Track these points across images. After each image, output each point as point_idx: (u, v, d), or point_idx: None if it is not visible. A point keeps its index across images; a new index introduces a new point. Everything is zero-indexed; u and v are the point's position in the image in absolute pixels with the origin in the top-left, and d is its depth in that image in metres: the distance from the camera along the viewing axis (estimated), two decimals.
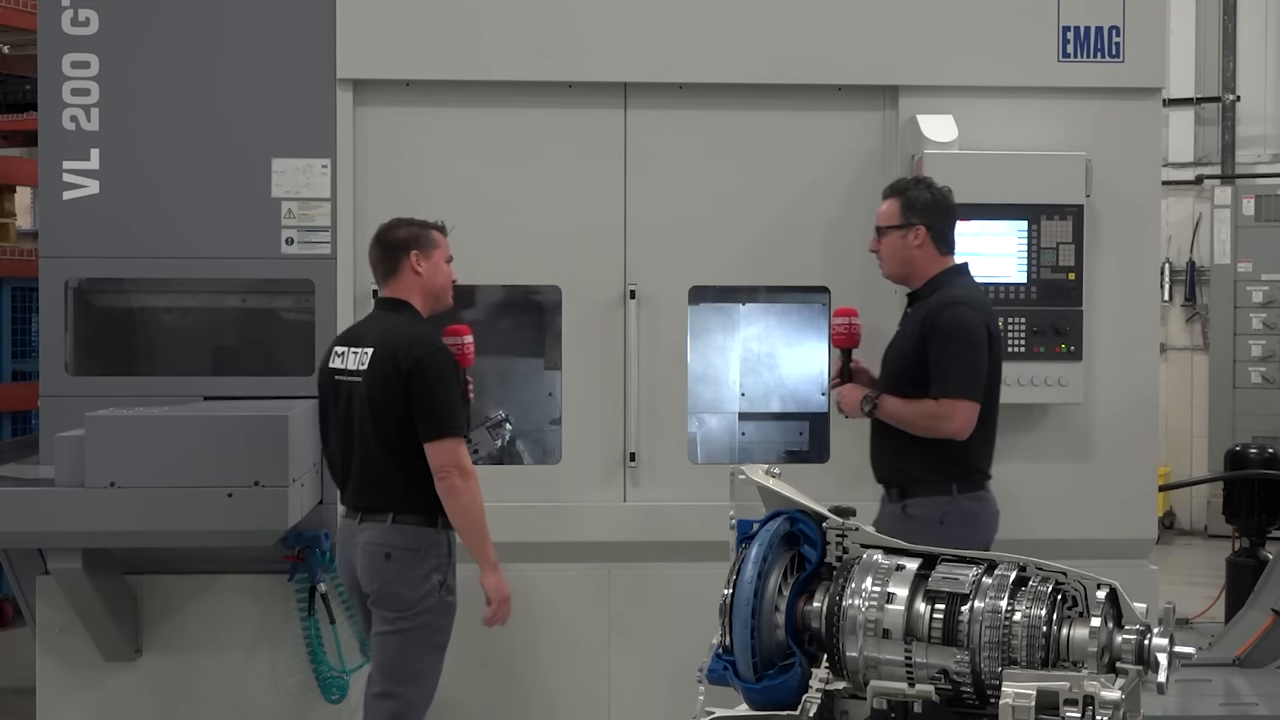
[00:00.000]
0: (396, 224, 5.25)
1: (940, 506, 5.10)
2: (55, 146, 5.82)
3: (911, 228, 5.23)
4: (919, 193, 5.26)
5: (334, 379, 5.14)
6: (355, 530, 5.09)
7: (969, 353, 5.10)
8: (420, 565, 5.01)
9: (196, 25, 5.84)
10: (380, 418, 4.98)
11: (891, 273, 5.37)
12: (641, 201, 5.90)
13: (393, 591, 5.01)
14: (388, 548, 5.01)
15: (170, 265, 5.72)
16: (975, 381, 5.10)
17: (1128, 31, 5.98)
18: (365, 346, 5.06)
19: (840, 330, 5.43)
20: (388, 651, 5.06)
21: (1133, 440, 6.04)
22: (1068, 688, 3.31)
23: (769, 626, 3.74)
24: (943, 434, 5.08)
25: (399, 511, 5.01)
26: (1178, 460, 13.70)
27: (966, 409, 5.07)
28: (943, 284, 5.23)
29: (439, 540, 5.06)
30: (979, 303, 5.24)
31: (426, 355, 4.98)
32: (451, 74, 5.90)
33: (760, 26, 5.92)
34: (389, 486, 5.02)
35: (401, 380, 4.94)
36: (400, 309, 5.15)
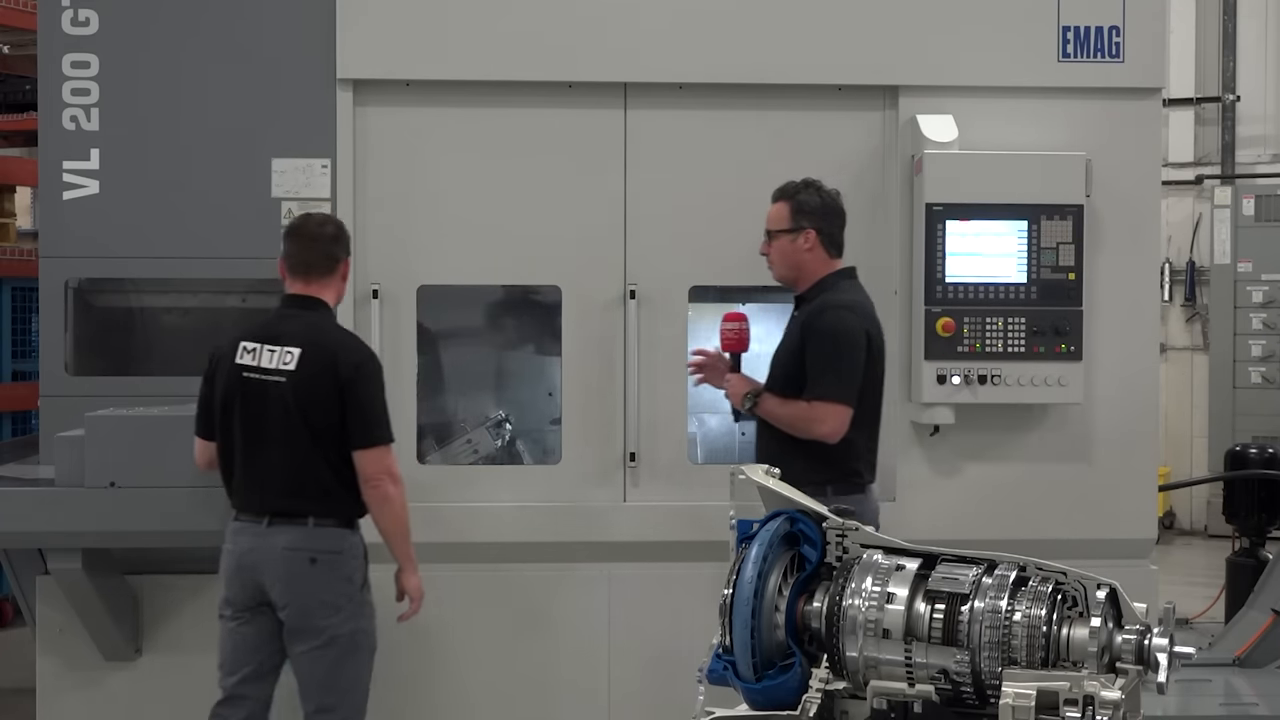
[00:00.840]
0: (327, 220, 5.20)
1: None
2: (55, 146, 5.82)
3: (801, 231, 5.26)
4: (808, 196, 5.29)
5: (242, 375, 4.95)
6: (262, 535, 4.91)
7: (844, 357, 5.12)
8: (343, 567, 4.94)
9: (196, 25, 5.84)
10: (311, 420, 4.87)
11: (781, 276, 5.38)
12: (641, 201, 5.90)
13: (321, 599, 4.91)
14: (312, 552, 4.89)
15: (170, 265, 5.72)
16: (849, 385, 5.12)
17: (1128, 31, 5.98)
18: (288, 345, 4.91)
19: (730, 335, 5.45)
20: (320, 665, 4.94)
21: (1133, 440, 6.04)
22: (1068, 688, 3.31)
23: (769, 626, 3.74)
24: (814, 436, 5.11)
25: (319, 515, 4.91)
26: (1178, 460, 13.70)
27: (838, 412, 5.09)
28: (828, 287, 5.26)
29: (356, 542, 5.01)
30: (860, 307, 5.25)
31: (365, 362, 4.95)
32: (452, 74, 5.90)
33: (760, 26, 5.92)
34: (313, 489, 4.90)
35: (338, 386, 4.87)
36: (319, 309, 5.05)
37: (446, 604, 5.92)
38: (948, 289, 5.80)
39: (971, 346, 5.79)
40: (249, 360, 4.94)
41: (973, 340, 5.79)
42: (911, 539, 3.89)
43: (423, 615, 5.88)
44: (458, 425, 6.39)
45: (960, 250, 5.80)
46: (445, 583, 5.91)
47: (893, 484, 5.97)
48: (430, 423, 6.31)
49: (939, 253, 5.79)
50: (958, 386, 5.78)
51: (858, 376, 5.15)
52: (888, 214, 5.98)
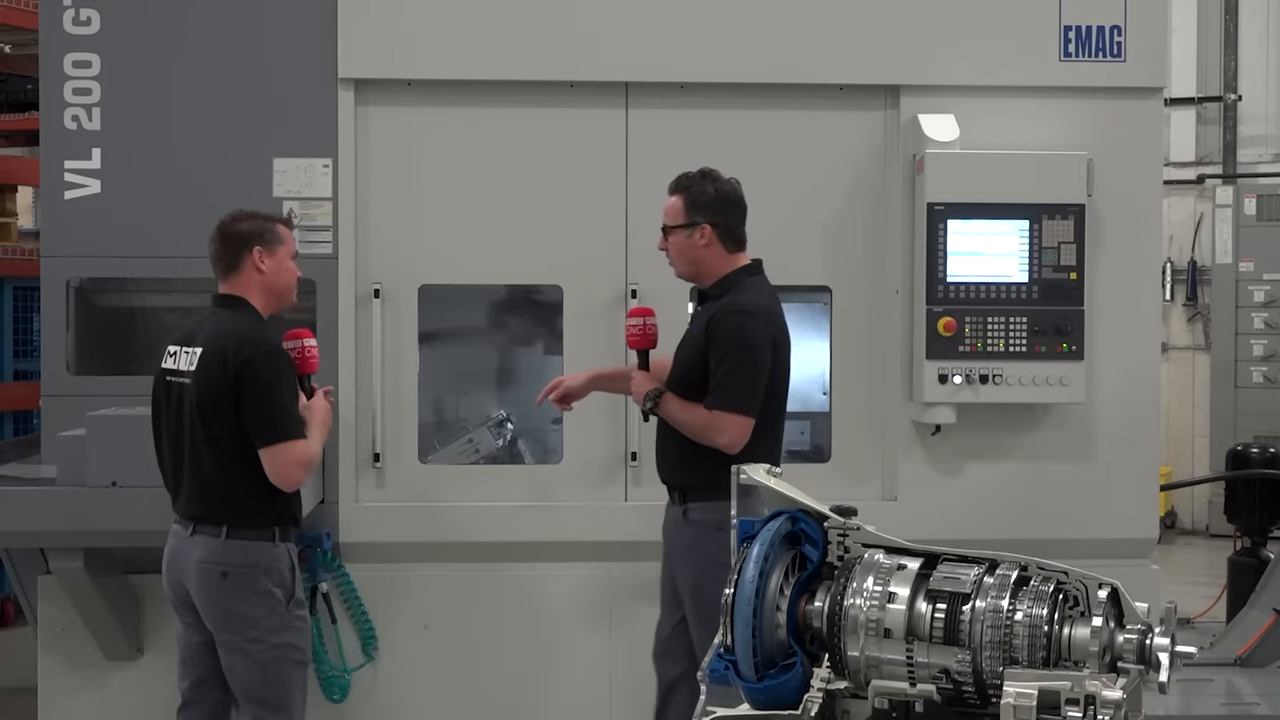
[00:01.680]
0: (240, 216, 4.96)
1: (720, 513, 4.98)
2: (57, 146, 5.82)
3: (697, 226, 5.10)
4: (703, 188, 5.12)
5: (165, 380, 4.86)
6: (186, 542, 4.79)
7: (747, 366, 4.97)
8: (260, 582, 4.74)
9: (198, 25, 5.84)
10: (210, 423, 4.70)
11: (682, 272, 5.25)
12: (643, 201, 5.89)
13: (238, 613, 4.74)
14: (224, 566, 4.71)
15: (172, 265, 5.71)
16: (751, 396, 4.98)
17: (1129, 31, 5.98)
18: (196, 346, 4.77)
19: (635, 331, 5.30)
20: (248, 679, 4.80)
21: (1134, 440, 6.03)
22: (1069, 687, 3.31)
23: (770, 626, 3.75)
24: (713, 445, 4.98)
25: (234, 525, 4.72)
26: (1179, 460, 13.70)
27: (739, 423, 4.96)
28: (732, 285, 5.10)
29: (279, 555, 4.79)
30: (765, 310, 5.07)
31: (256, 356, 4.69)
32: (453, 74, 5.90)
33: (762, 26, 5.92)
34: (223, 497, 4.73)
35: (230, 383, 4.66)
36: (237, 307, 4.86)
37: (447, 603, 5.93)
38: (949, 288, 5.80)
39: (973, 346, 5.79)
40: (170, 364, 4.84)
41: (974, 340, 5.79)
42: (913, 538, 3.89)
43: (424, 613, 5.91)
44: (459, 425, 6.39)
45: (962, 250, 5.80)
46: (446, 582, 5.93)
47: (894, 483, 5.97)
48: (432, 422, 6.31)
49: (940, 252, 5.79)
50: (959, 386, 5.78)
51: (761, 386, 5.00)
52: (889, 214, 5.98)
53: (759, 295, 5.12)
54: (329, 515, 5.82)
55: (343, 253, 5.86)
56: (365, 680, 5.94)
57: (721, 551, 4.99)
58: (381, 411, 5.88)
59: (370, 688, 5.94)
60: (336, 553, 5.84)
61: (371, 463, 5.89)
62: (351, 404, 5.87)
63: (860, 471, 6.01)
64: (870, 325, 6.02)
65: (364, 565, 5.89)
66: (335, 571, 5.84)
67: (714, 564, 5.03)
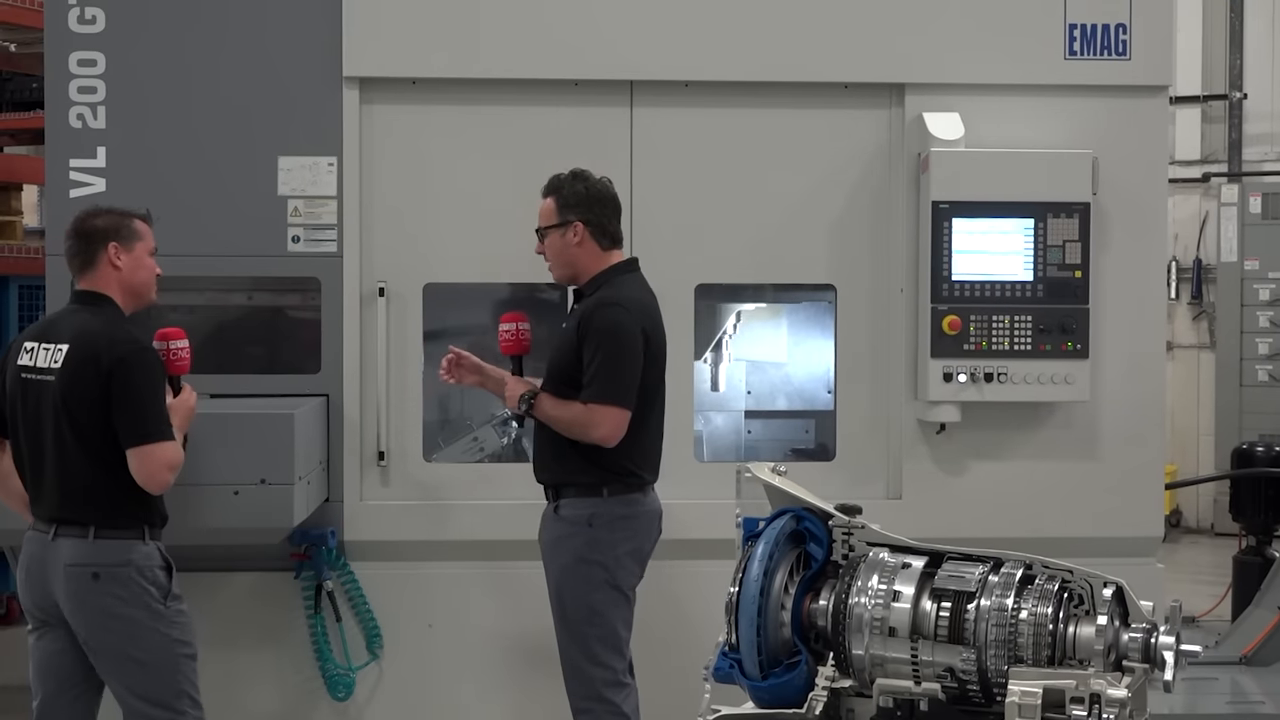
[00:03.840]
0: (95, 212, 4.84)
1: (590, 508, 5.04)
2: (62, 144, 5.82)
3: (569, 225, 5.11)
4: (574, 187, 5.14)
5: (21, 376, 4.70)
6: (49, 547, 4.62)
7: (620, 358, 4.97)
8: (133, 581, 4.60)
9: (203, 23, 5.85)
10: (78, 422, 4.57)
11: (559, 275, 5.25)
12: (647, 199, 5.89)
13: (114, 614, 4.59)
14: (94, 567, 4.57)
15: (176, 263, 5.70)
16: (625, 388, 4.98)
17: (1135, 29, 5.97)
18: (59, 343, 4.63)
19: (507, 337, 5.28)
20: (134, 680, 4.66)
21: (1139, 438, 6.03)
22: (1074, 686, 3.32)
23: (775, 624, 3.75)
24: (591, 440, 4.98)
25: (101, 525, 4.59)
26: (1184, 458, 13.69)
27: (614, 415, 4.96)
28: (604, 282, 5.12)
29: (150, 553, 4.66)
30: (636, 303, 5.08)
31: (130, 355, 4.59)
32: (457, 72, 5.90)
33: (766, 24, 5.92)
34: (90, 496, 4.60)
35: (101, 381, 4.55)
36: (99, 304, 4.73)
37: (452, 601, 5.93)
38: (954, 287, 5.79)
39: (978, 344, 5.78)
40: (27, 360, 4.69)
41: (979, 338, 5.78)
42: (917, 537, 3.89)
43: (428, 612, 5.91)
44: (464, 423, 6.40)
45: (967, 248, 5.79)
46: (451, 580, 5.93)
47: (899, 482, 5.97)
48: (436, 420, 6.31)
49: (945, 250, 5.79)
50: (964, 384, 5.77)
51: (635, 378, 5.00)
52: (894, 212, 5.97)
53: (631, 290, 5.13)
54: (334, 513, 5.83)
55: (347, 251, 5.86)
56: (370, 679, 5.94)
57: (589, 548, 5.02)
58: (386, 410, 5.88)
59: (375, 686, 5.94)
60: (341, 551, 5.85)
61: (376, 461, 5.90)
62: (356, 402, 5.87)
63: (865, 470, 6.01)
64: (875, 324, 6.01)
65: (369, 563, 5.89)
66: (340, 570, 5.85)
67: (581, 560, 5.04)
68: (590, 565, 5.03)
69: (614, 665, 5.06)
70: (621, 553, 5.05)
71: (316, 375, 5.89)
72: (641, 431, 5.07)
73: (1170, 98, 6.40)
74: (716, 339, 6.89)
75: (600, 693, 5.04)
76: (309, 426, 5.54)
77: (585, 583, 5.04)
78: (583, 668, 5.06)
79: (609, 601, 5.04)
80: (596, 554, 5.02)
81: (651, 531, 5.17)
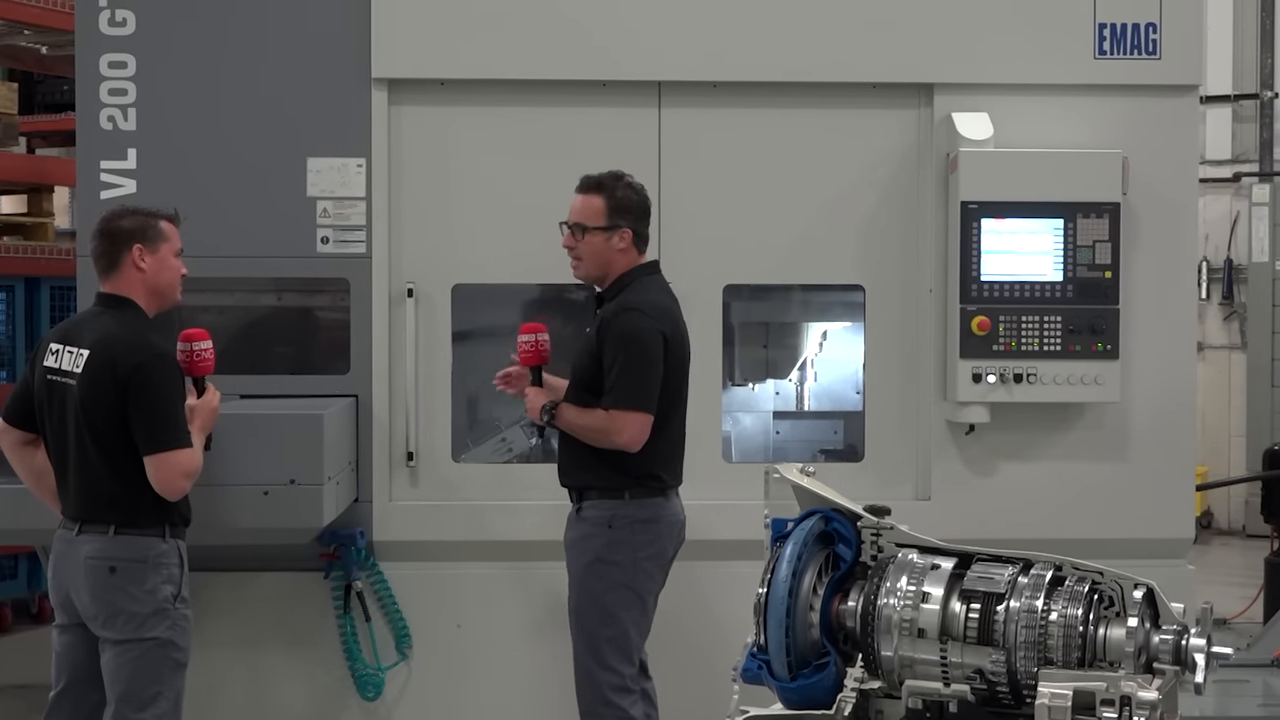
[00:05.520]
0: (121, 213, 4.84)
1: (610, 510, 5.04)
2: (93, 146, 5.85)
3: (618, 230, 5.10)
4: (625, 194, 5.13)
5: (47, 379, 4.74)
6: (73, 543, 4.68)
7: (641, 363, 4.97)
8: (148, 578, 4.64)
9: (232, 25, 5.87)
10: (97, 427, 4.61)
11: (588, 273, 5.22)
12: (675, 200, 5.89)
13: (121, 608, 4.63)
14: (112, 561, 4.62)
15: (206, 264, 5.72)
16: (647, 393, 4.97)
17: (1165, 28, 5.94)
18: (81, 346, 4.66)
19: (526, 347, 5.25)
20: (121, 675, 4.66)
21: (1170, 439, 6.00)
22: (1104, 688, 3.31)
23: (804, 625, 3.75)
24: (614, 446, 4.98)
25: (121, 523, 4.64)
26: (1215, 459, 13.62)
27: (637, 421, 4.95)
28: (627, 284, 5.11)
29: (168, 551, 4.70)
30: (656, 306, 5.07)
31: (147, 362, 4.61)
32: (486, 73, 5.91)
33: (794, 24, 5.91)
34: (110, 498, 4.64)
35: (119, 388, 4.58)
36: (122, 307, 4.75)
37: (480, 602, 5.94)
38: (983, 287, 5.78)
39: (1007, 345, 5.77)
40: (51, 362, 4.73)
41: (1008, 339, 5.77)
42: (946, 538, 3.88)
43: (457, 612, 5.92)
44: (492, 424, 6.41)
45: (996, 248, 5.78)
46: (479, 580, 5.94)
47: (928, 483, 5.96)
48: (465, 421, 6.32)
49: (974, 251, 5.77)
50: (993, 385, 5.76)
51: (656, 382, 4.99)
52: (923, 212, 5.96)
53: (652, 293, 5.13)
54: (363, 514, 5.84)
55: (376, 252, 5.88)
56: (399, 679, 5.95)
57: (608, 549, 5.03)
58: (415, 410, 5.90)
59: (404, 686, 5.95)
60: (370, 551, 5.86)
61: (405, 461, 5.91)
62: (385, 403, 5.89)
63: (894, 471, 6.00)
64: (904, 324, 6.00)
65: (398, 564, 5.91)
66: (369, 570, 5.86)
67: (599, 560, 5.05)
68: (608, 566, 5.03)
69: (621, 670, 5.05)
70: (641, 556, 5.05)
71: (346, 376, 5.91)
72: (663, 435, 5.07)
73: (1201, 97, 6.37)
74: (801, 359, 6.89)
75: (607, 697, 5.04)
76: (338, 427, 5.56)
77: (601, 582, 5.04)
78: (591, 671, 5.06)
79: (623, 603, 5.04)
80: (615, 555, 5.03)
81: (674, 536, 5.17)
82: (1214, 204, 13.78)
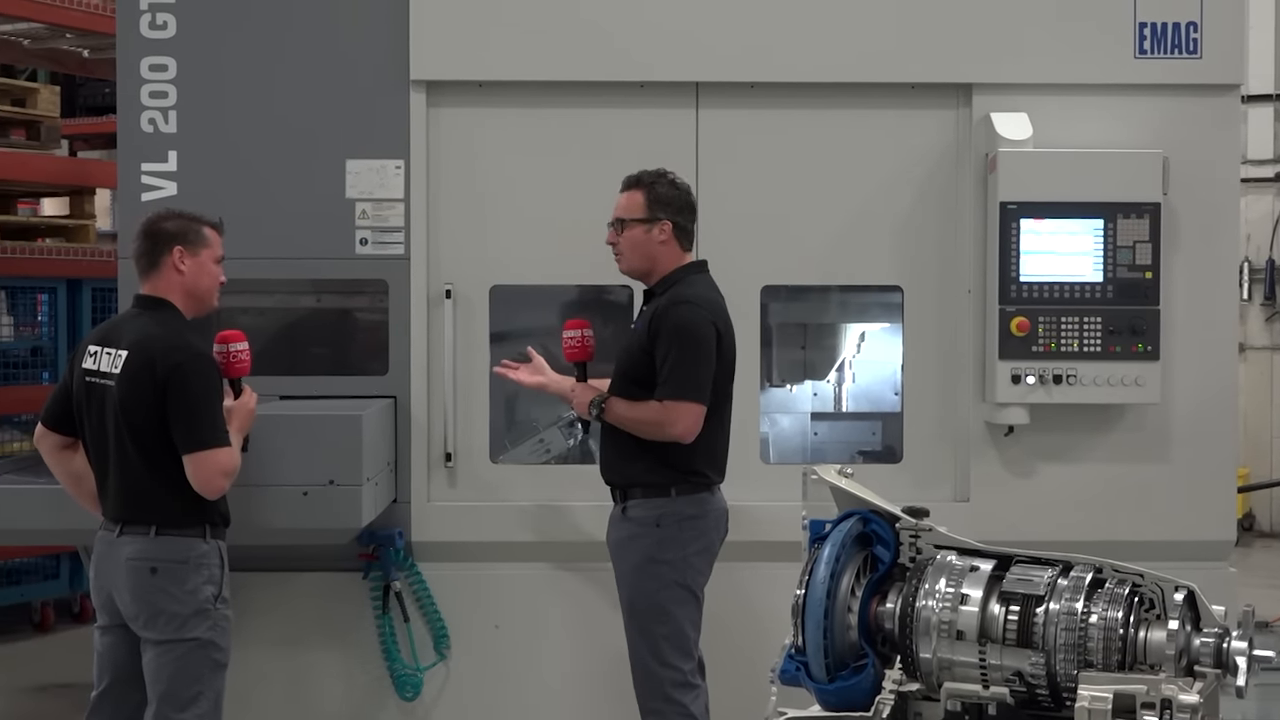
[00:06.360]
0: (165, 215, 4.88)
1: (657, 509, 5.03)
2: (134, 149, 5.89)
3: (657, 223, 5.12)
4: (665, 188, 5.15)
5: (85, 381, 4.77)
6: (115, 544, 4.71)
7: (694, 354, 4.97)
8: (190, 579, 4.67)
9: (271, 28, 5.90)
10: (136, 428, 4.64)
11: (632, 268, 5.24)
12: (713, 201, 5.89)
13: (162, 608, 4.66)
14: (153, 561, 4.65)
15: (246, 266, 5.76)
16: (700, 384, 4.98)
17: (1206, 27, 5.91)
18: (120, 348, 4.69)
19: (572, 343, 5.26)
20: (163, 675, 4.68)
21: (1211, 441, 5.97)
22: (1145, 691, 3.29)
23: (842, 627, 3.74)
24: (668, 438, 4.98)
25: (162, 524, 4.67)
26: (1257, 461, 13.53)
27: (691, 411, 4.96)
28: (676, 281, 5.13)
29: (209, 551, 4.73)
30: (709, 301, 5.10)
31: (185, 361, 4.64)
32: (523, 75, 5.92)
33: (832, 25, 5.90)
34: (150, 499, 4.67)
35: (158, 388, 4.60)
36: (160, 309, 4.78)
37: (518, 602, 5.95)
38: (1022, 288, 5.76)
39: (1046, 346, 5.74)
40: (90, 364, 4.76)
41: (1048, 340, 5.74)
42: (985, 540, 3.87)
43: (495, 613, 5.93)
44: (530, 425, 6.42)
45: (1035, 249, 5.75)
46: (517, 581, 5.95)
47: (967, 484, 5.94)
48: (503, 422, 6.33)
49: (1013, 252, 5.75)
50: (1032, 386, 5.73)
51: (709, 374, 5.01)
52: (961, 213, 5.94)
53: (702, 289, 5.15)
54: (401, 514, 5.86)
55: (415, 253, 5.90)
56: (437, 679, 5.97)
57: (657, 548, 5.03)
58: (453, 411, 5.92)
59: (442, 687, 5.97)
60: (409, 552, 5.88)
61: (444, 462, 5.93)
62: (424, 404, 5.91)
63: (932, 472, 5.98)
64: (942, 325, 5.99)
65: (436, 564, 5.93)
66: (408, 570, 5.88)
67: (650, 560, 5.05)
68: (659, 565, 5.04)
69: (681, 666, 5.07)
70: (690, 552, 5.06)
71: (384, 377, 5.93)
72: (709, 431, 5.07)
73: (1242, 96, 6.33)
74: (840, 360, 6.88)
75: (669, 693, 5.05)
76: (377, 428, 5.58)
77: (654, 582, 5.05)
78: (651, 668, 5.07)
79: (677, 600, 5.05)
80: (666, 554, 5.03)
81: (720, 530, 5.18)
82: (1256, 204, 13.69)
